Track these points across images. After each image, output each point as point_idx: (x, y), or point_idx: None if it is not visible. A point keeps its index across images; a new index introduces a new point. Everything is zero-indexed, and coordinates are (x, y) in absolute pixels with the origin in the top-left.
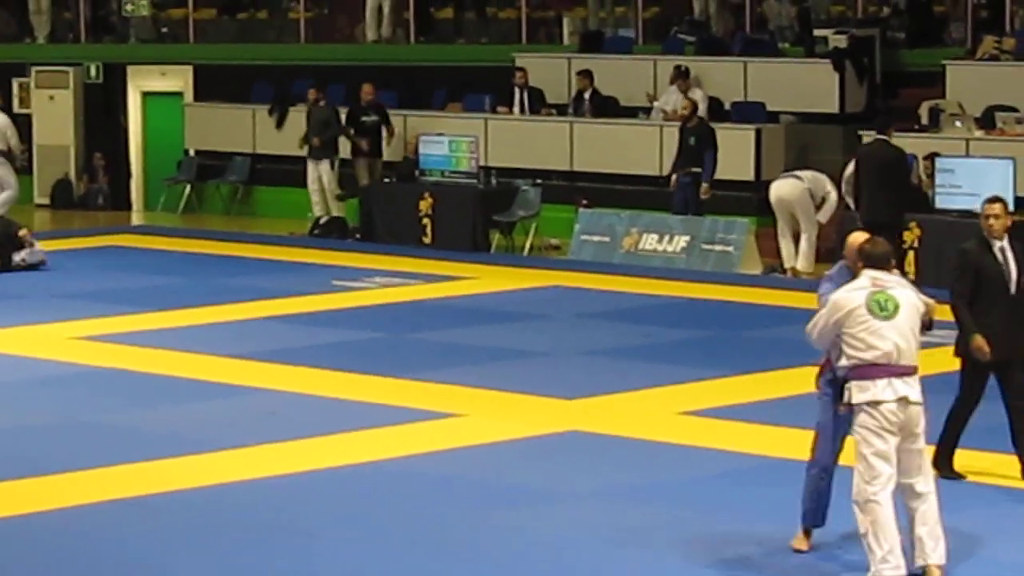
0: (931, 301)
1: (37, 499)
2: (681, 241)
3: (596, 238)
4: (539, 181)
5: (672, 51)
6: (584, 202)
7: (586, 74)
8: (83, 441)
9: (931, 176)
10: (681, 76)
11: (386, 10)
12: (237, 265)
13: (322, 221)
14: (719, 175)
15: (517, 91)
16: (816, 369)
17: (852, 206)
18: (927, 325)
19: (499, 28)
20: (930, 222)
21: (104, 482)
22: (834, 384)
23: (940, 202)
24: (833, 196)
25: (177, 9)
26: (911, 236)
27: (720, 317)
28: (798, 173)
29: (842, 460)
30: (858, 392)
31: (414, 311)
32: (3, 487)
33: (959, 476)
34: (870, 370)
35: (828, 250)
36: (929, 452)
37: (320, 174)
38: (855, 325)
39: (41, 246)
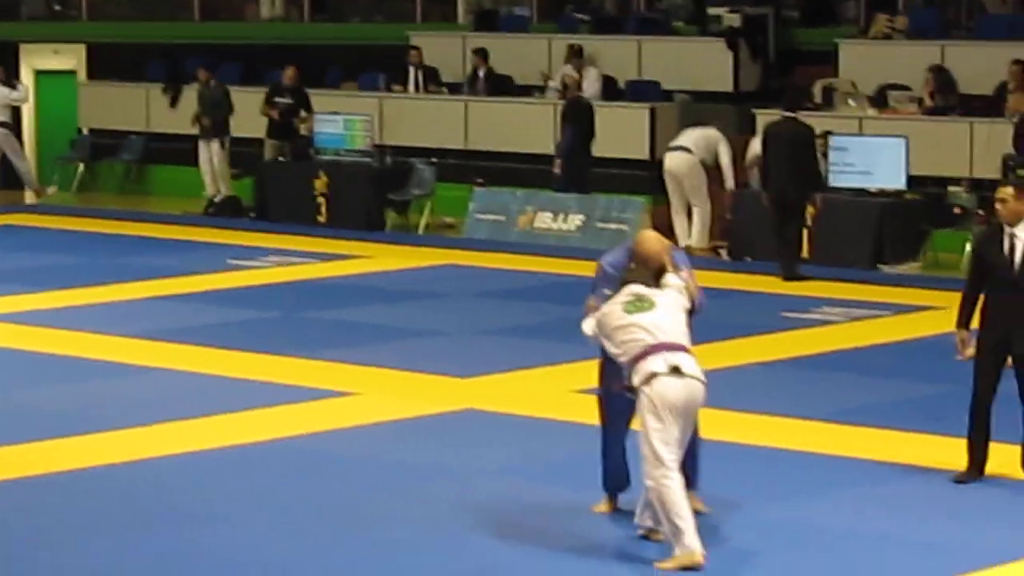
0: (687, 279)
1: None
2: (576, 220)
3: (491, 217)
4: (434, 160)
5: (567, 30)
6: (479, 181)
7: (481, 53)
8: None
9: (825, 154)
10: (575, 55)
11: None
12: (132, 244)
13: (217, 200)
14: (614, 153)
15: (412, 70)
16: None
17: (759, 183)
18: (694, 307)
19: (394, 7)
20: (824, 200)
21: (1, 462)
22: (608, 360)
23: (834, 180)
24: (726, 158)
25: None
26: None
27: None
28: (686, 144)
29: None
30: (635, 376)
31: (309, 290)
32: None
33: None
34: (640, 355)
35: (723, 228)
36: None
37: (211, 154)
38: (614, 331)
39: None
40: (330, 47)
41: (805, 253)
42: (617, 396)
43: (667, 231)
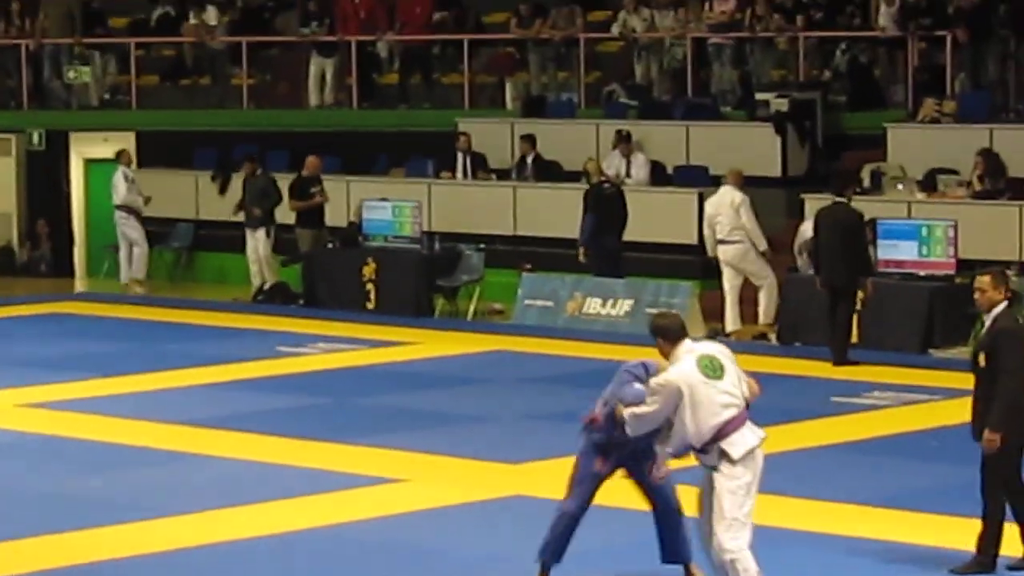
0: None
1: None
2: (625, 305)
3: (539, 302)
4: (482, 246)
5: (614, 115)
6: (527, 266)
7: (529, 138)
8: (25, 509)
9: (873, 240)
10: (623, 140)
11: (329, 76)
12: (181, 331)
13: (266, 287)
14: (662, 238)
15: (460, 156)
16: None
17: (807, 267)
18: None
19: (442, 93)
20: (875, 284)
21: (46, 550)
22: (598, 445)
23: (883, 266)
24: (749, 221)
25: (119, 76)
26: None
27: None
28: (726, 231)
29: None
30: (731, 448)
31: (358, 376)
32: None
33: None
34: (730, 426)
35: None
36: None
37: (257, 243)
38: (705, 401)
39: None
40: (378, 133)
41: (855, 338)
42: (593, 472)
43: (717, 316)
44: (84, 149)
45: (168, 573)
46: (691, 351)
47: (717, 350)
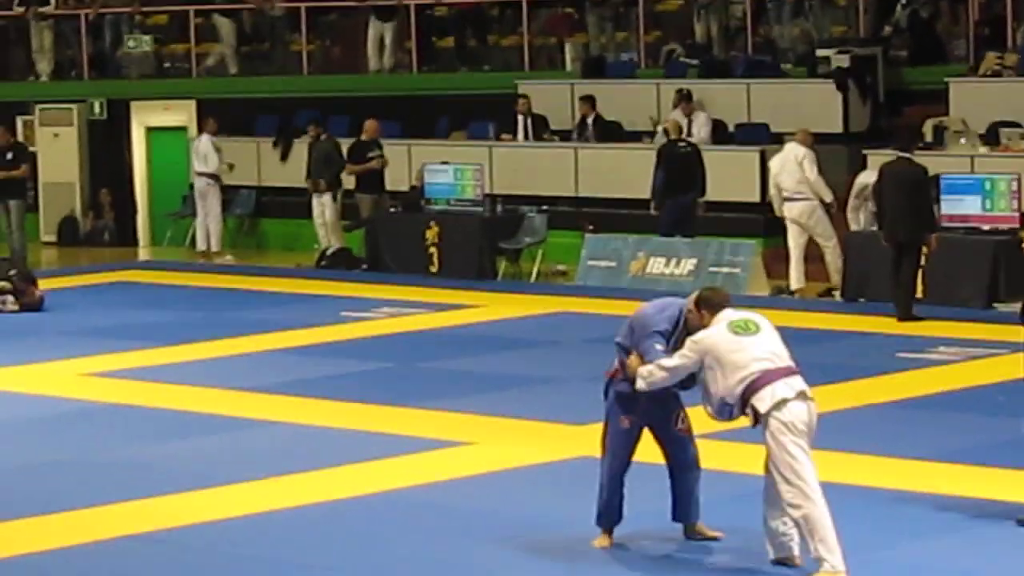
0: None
1: (48, 537)
2: (688, 264)
3: (603, 263)
4: (545, 207)
5: (674, 75)
6: (590, 227)
7: (589, 100)
8: (93, 478)
9: (936, 195)
10: (684, 99)
11: (388, 40)
12: (245, 298)
13: (329, 252)
14: (725, 197)
15: (520, 118)
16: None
17: (865, 223)
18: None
19: (501, 56)
20: (939, 239)
21: (116, 518)
22: (622, 396)
23: (947, 221)
24: (812, 174)
25: (179, 44)
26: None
27: None
28: (791, 187)
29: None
30: (759, 403)
31: (423, 340)
32: (14, 525)
33: None
34: (760, 379)
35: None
36: None
37: (323, 207)
38: (728, 355)
39: (46, 284)
40: (438, 97)
41: (920, 293)
42: (622, 430)
43: (781, 274)
44: (145, 118)
45: (236, 539)
46: (727, 318)
47: (755, 316)
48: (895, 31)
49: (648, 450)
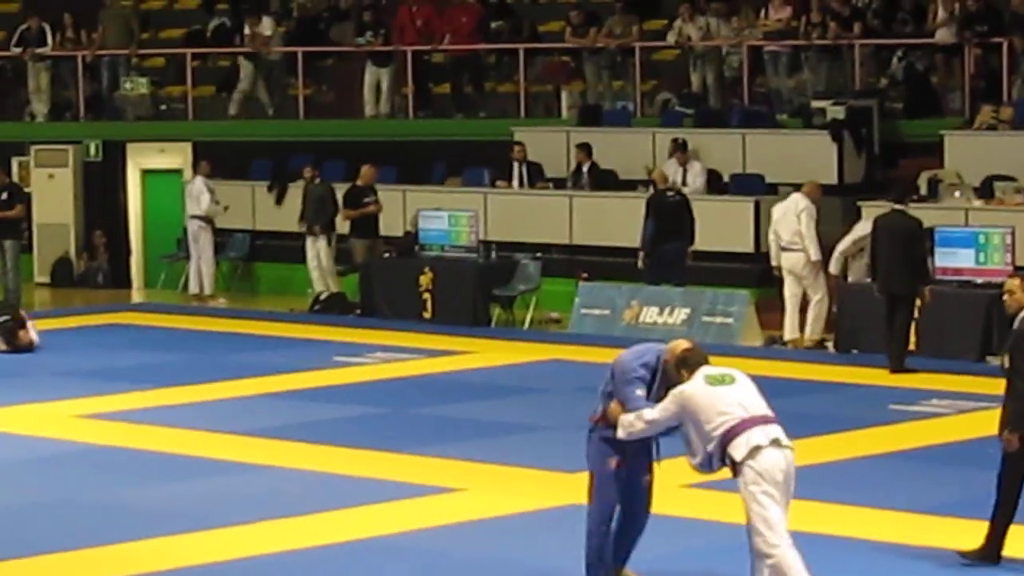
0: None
1: None
2: (682, 313)
3: (597, 311)
4: (539, 255)
5: (670, 124)
6: (584, 275)
7: (584, 147)
8: (84, 520)
9: (931, 248)
10: (679, 148)
11: (384, 86)
12: (238, 342)
13: (322, 297)
14: (719, 247)
15: (516, 165)
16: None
17: (849, 273)
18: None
19: (497, 103)
20: (933, 292)
21: (106, 561)
22: (608, 440)
23: (940, 274)
24: (805, 228)
25: (176, 87)
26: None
27: None
28: (789, 237)
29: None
30: (735, 451)
31: (415, 386)
32: (2, 567)
33: None
34: (736, 427)
35: (829, 320)
36: None
37: (318, 251)
38: (705, 406)
39: (40, 325)
40: (434, 143)
41: (912, 345)
42: (611, 472)
43: (775, 324)
44: (141, 160)
45: None
46: (704, 372)
47: (731, 370)
48: (891, 83)
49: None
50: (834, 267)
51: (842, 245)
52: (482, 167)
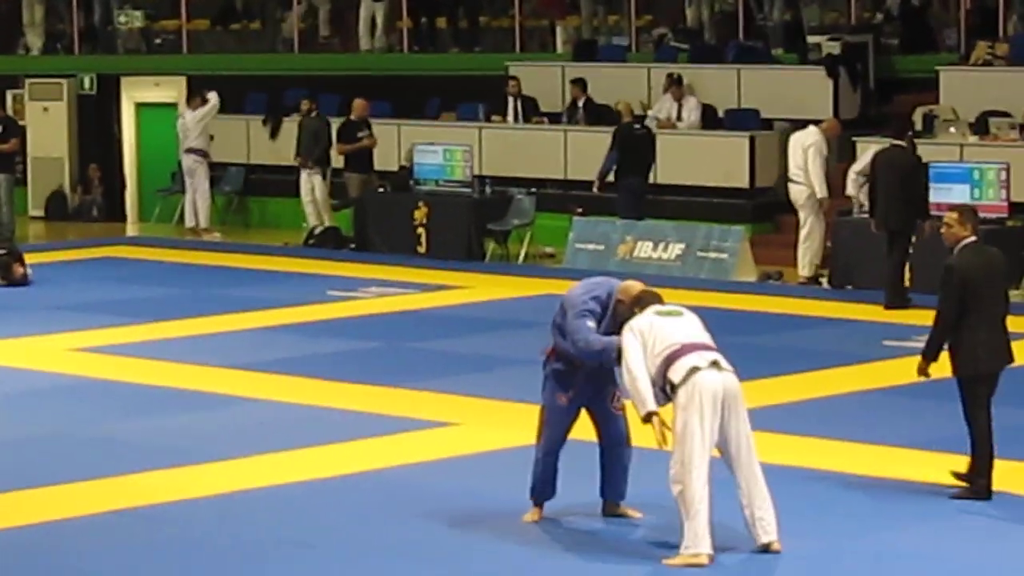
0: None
1: (29, 511)
2: (676, 248)
3: (591, 246)
4: (533, 190)
5: (665, 59)
6: (579, 210)
7: (579, 82)
8: (76, 453)
9: (926, 184)
10: (674, 84)
11: (379, 20)
12: (232, 276)
13: (317, 231)
14: (714, 182)
15: (511, 100)
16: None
17: (868, 209)
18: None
19: (492, 37)
20: (931, 228)
21: (98, 494)
22: (559, 373)
23: (935, 209)
24: (813, 165)
25: (170, 20)
26: None
27: (714, 324)
28: (795, 170)
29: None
30: (674, 375)
31: (409, 320)
32: None
33: None
34: (677, 352)
35: (824, 255)
36: None
37: (313, 185)
38: (653, 337)
39: (34, 259)
40: (429, 78)
41: (908, 281)
42: (559, 407)
43: (769, 260)
44: (135, 93)
45: (218, 516)
46: (655, 309)
47: (680, 307)
48: (886, 19)
49: (583, 429)
50: (851, 188)
51: (858, 165)
52: (477, 102)
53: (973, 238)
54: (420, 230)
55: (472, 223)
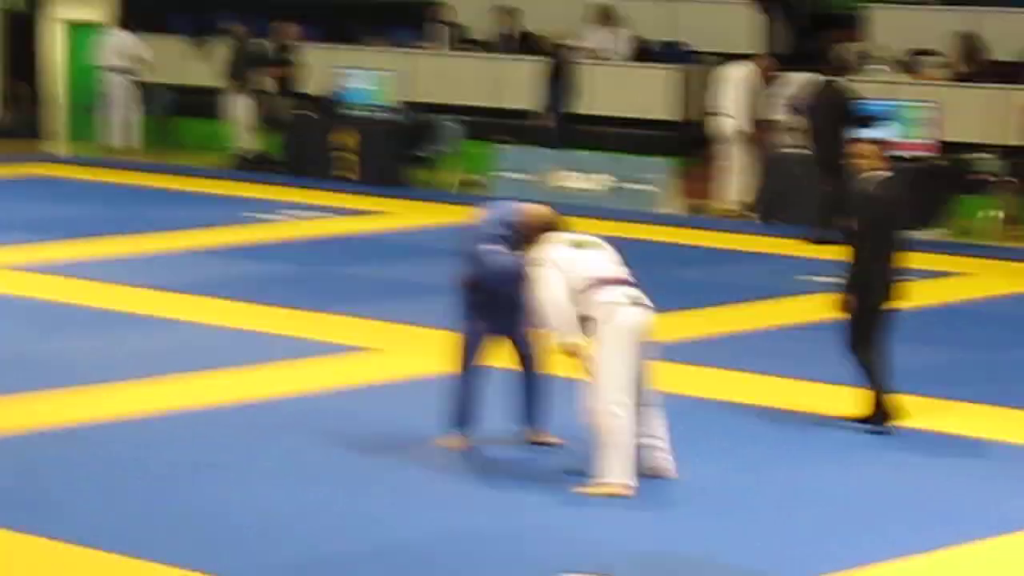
0: None
1: None
2: (603, 179)
3: (518, 175)
4: (462, 117)
5: None
6: (506, 139)
7: (511, 11)
8: None
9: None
10: (606, 15)
11: None
12: (158, 197)
13: (248, 156)
14: (644, 115)
15: (441, 27)
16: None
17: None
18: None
19: None
20: None
21: (9, 412)
22: (474, 302)
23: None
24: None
25: None
26: None
27: (640, 257)
28: (726, 103)
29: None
30: (594, 310)
31: (334, 245)
32: None
33: None
34: (597, 288)
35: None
36: None
37: (242, 108)
38: (569, 269)
39: None
40: (360, 3)
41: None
42: (475, 335)
43: (698, 193)
44: (65, 11)
45: (132, 436)
46: (567, 237)
47: (590, 237)
48: None
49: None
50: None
51: (787, 91)
52: (407, 28)
53: (888, 172)
54: (348, 155)
55: (399, 149)
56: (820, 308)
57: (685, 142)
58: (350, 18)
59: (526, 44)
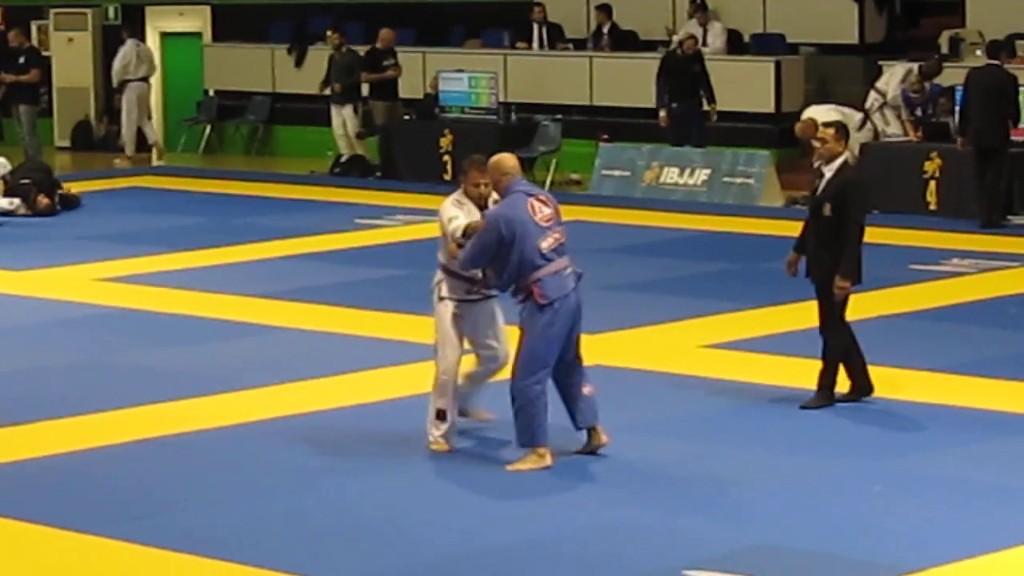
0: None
1: (57, 441)
2: (702, 174)
3: (617, 172)
4: (559, 116)
5: None
6: (604, 137)
7: (605, 8)
8: (104, 382)
9: (953, 107)
10: (699, 9)
11: None
12: (258, 205)
13: (343, 159)
14: (739, 107)
15: (536, 26)
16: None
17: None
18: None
19: None
20: (950, 152)
21: (125, 423)
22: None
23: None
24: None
25: None
26: (932, 166)
27: (741, 250)
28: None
29: None
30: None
31: (435, 248)
32: (23, 429)
33: None
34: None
35: None
36: None
37: (344, 119)
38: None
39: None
40: (453, 4)
41: (935, 205)
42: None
43: (795, 185)
44: (160, 23)
45: (247, 444)
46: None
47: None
48: None
49: None
50: (869, 102)
51: (879, 83)
52: (502, 28)
53: (846, 154)
54: (446, 157)
55: (498, 150)
56: (937, 295)
57: (782, 134)
58: (445, 20)
59: (621, 40)
